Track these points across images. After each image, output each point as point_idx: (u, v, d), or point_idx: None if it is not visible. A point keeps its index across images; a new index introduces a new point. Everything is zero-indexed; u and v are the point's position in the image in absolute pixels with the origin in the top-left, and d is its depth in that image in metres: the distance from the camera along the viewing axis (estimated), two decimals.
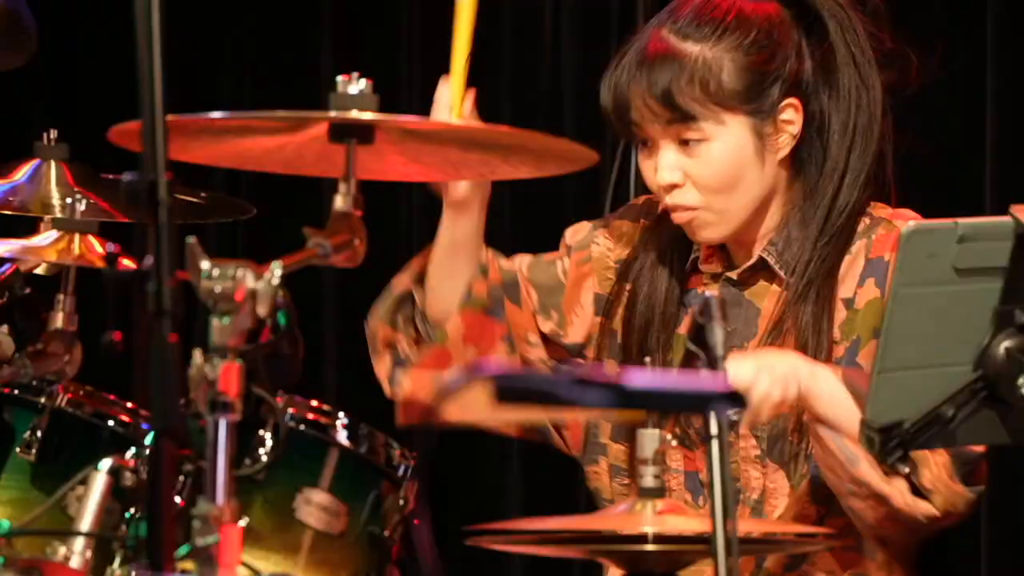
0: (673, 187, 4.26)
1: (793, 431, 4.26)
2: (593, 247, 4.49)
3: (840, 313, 4.26)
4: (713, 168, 4.24)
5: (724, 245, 4.42)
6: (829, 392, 4.01)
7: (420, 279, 4.33)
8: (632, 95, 4.25)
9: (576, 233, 4.53)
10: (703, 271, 4.39)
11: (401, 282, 4.29)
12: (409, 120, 3.66)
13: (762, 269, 4.33)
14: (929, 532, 4.25)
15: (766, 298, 4.34)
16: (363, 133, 3.53)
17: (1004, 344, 3.46)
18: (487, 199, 4.30)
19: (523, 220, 5.33)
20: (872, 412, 3.53)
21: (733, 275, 4.35)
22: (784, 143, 4.30)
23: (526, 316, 4.43)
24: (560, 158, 3.98)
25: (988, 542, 4.95)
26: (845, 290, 4.28)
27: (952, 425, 3.50)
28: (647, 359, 4.19)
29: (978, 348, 3.49)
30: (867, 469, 4.12)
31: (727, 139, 4.24)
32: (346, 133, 3.53)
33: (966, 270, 3.50)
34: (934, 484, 4.12)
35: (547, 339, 4.44)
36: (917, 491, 4.14)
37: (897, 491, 4.13)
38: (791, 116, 4.25)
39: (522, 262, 4.46)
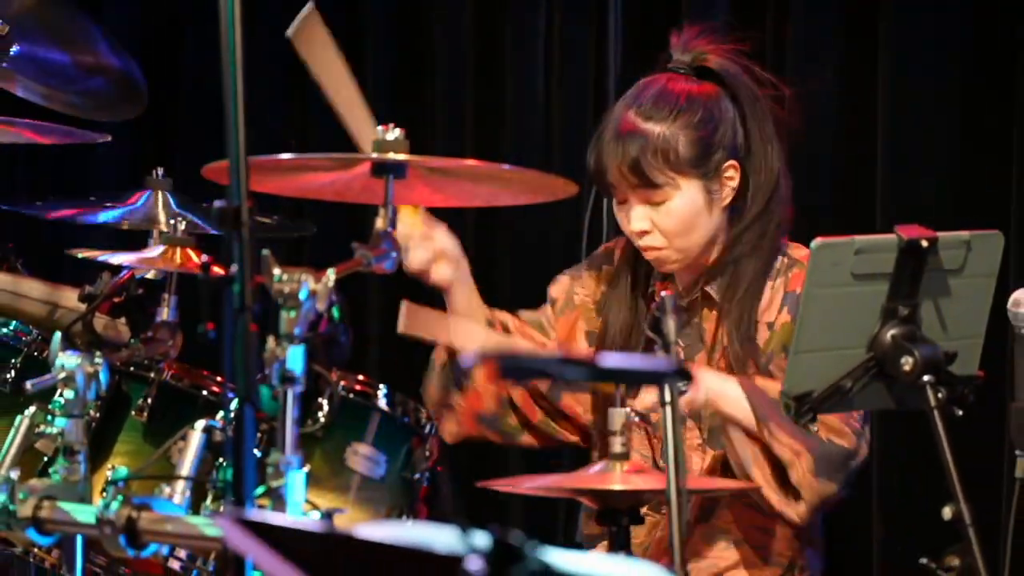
0: (643, 233, 4.28)
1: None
2: (575, 297, 4.50)
3: (764, 333, 4.27)
4: (673, 219, 4.25)
5: (674, 278, 4.42)
6: (734, 397, 4.09)
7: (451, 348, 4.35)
8: (608, 164, 4.27)
9: (558, 289, 4.54)
10: (659, 294, 4.36)
11: (439, 355, 4.30)
12: (433, 160, 3.68)
13: (705, 299, 4.34)
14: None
15: (708, 320, 4.35)
16: (398, 170, 3.55)
17: (890, 332, 3.48)
18: (467, 274, 4.26)
19: (521, 236, 5.31)
20: (788, 384, 3.57)
21: (683, 303, 4.33)
22: (726, 195, 4.31)
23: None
24: (548, 189, 4.01)
25: (879, 490, 4.93)
26: (768, 315, 4.29)
27: (850, 394, 3.52)
28: None
29: (870, 335, 3.51)
30: (756, 472, 4.19)
31: (683, 197, 4.24)
32: (384, 170, 3.55)
33: (861, 275, 3.52)
34: (800, 482, 4.16)
35: None
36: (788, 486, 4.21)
37: (773, 492, 4.19)
38: (731, 174, 4.27)
39: (519, 315, 4.48)
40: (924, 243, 3.51)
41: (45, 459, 3.44)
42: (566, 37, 5.42)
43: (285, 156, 3.58)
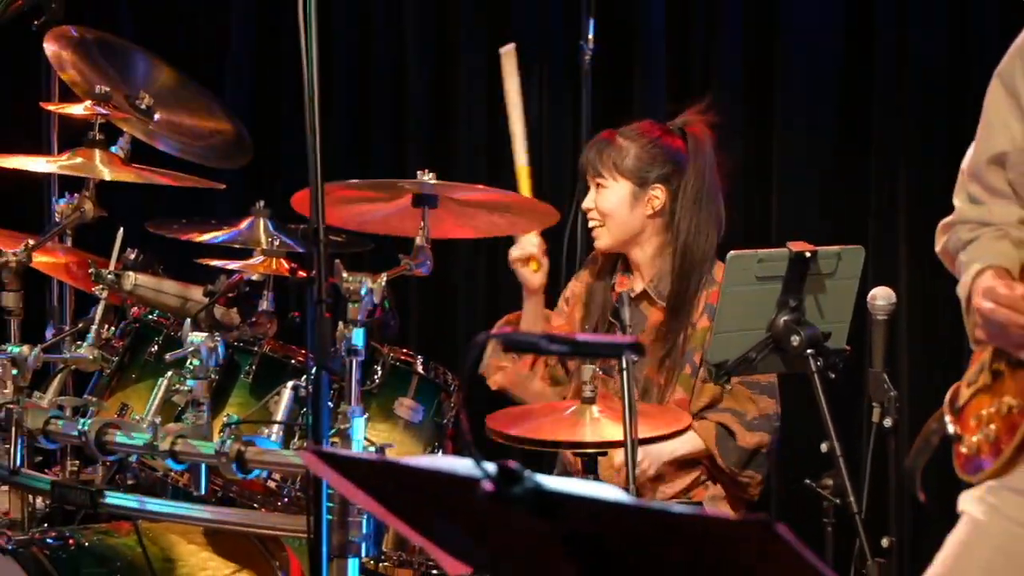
0: (589, 210, 4.31)
1: (655, 381, 4.27)
2: (571, 290, 4.46)
3: (690, 330, 4.23)
4: (605, 203, 4.25)
5: (629, 270, 4.38)
6: (672, 448, 4.11)
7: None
8: (586, 153, 4.32)
9: (568, 290, 4.49)
10: (617, 291, 4.33)
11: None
12: (458, 195, 3.67)
13: (646, 296, 4.29)
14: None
15: (651, 311, 4.30)
16: (431, 201, 3.54)
17: (783, 318, 3.47)
18: (542, 296, 4.35)
19: None
20: (711, 355, 3.59)
21: (633, 295, 4.27)
22: (650, 205, 4.25)
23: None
24: (542, 215, 4.00)
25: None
26: (693, 318, 4.23)
27: (754, 363, 3.52)
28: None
29: (769, 320, 3.50)
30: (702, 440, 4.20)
31: (615, 191, 4.22)
32: (421, 202, 3.54)
33: (762, 277, 3.52)
34: (740, 436, 4.19)
35: None
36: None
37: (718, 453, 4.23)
38: (657, 194, 4.21)
39: (551, 316, 4.47)
40: (807, 254, 3.51)
41: (179, 409, 3.42)
42: (552, 107, 5.40)
43: (353, 182, 3.61)
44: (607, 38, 5.09)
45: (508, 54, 4.35)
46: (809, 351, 3.50)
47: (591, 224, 4.34)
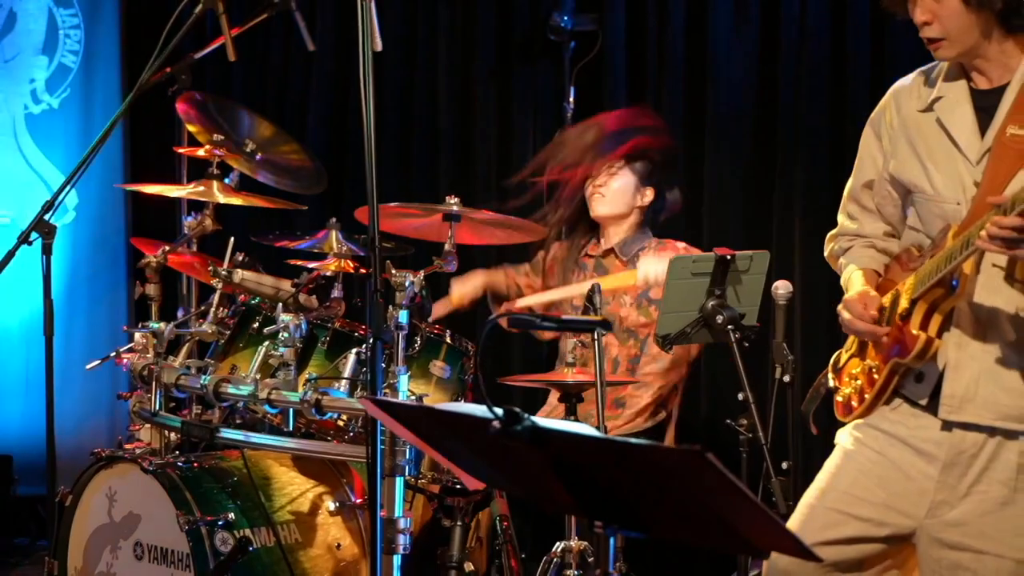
0: (599, 187, 4.26)
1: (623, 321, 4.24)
2: (552, 252, 4.39)
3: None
4: (614, 187, 4.26)
5: (599, 239, 4.35)
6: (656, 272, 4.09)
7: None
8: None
9: (549, 249, 4.40)
10: (590, 253, 4.34)
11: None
12: (475, 215, 3.67)
13: (611, 253, 4.26)
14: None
15: (613, 266, 4.27)
16: (456, 218, 3.54)
17: (711, 302, 3.45)
18: (482, 286, 4.39)
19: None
20: (658, 329, 3.55)
21: (599, 254, 4.29)
22: (644, 197, 4.27)
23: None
24: (532, 231, 3.98)
25: (704, 386, 4.92)
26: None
27: (689, 336, 3.50)
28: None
29: (701, 304, 3.49)
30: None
31: (624, 178, 4.24)
32: (449, 219, 3.54)
33: (696, 273, 3.50)
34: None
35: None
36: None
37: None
38: (648, 192, 4.24)
39: (520, 268, 4.41)
40: (728, 257, 3.49)
41: (274, 368, 3.43)
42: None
43: (392, 204, 3.60)
44: (583, 98, 5.10)
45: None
46: (730, 327, 3.49)
47: (595, 193, 4.29)
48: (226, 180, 3.85)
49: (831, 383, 2.99)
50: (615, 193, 4.28)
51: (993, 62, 2.68)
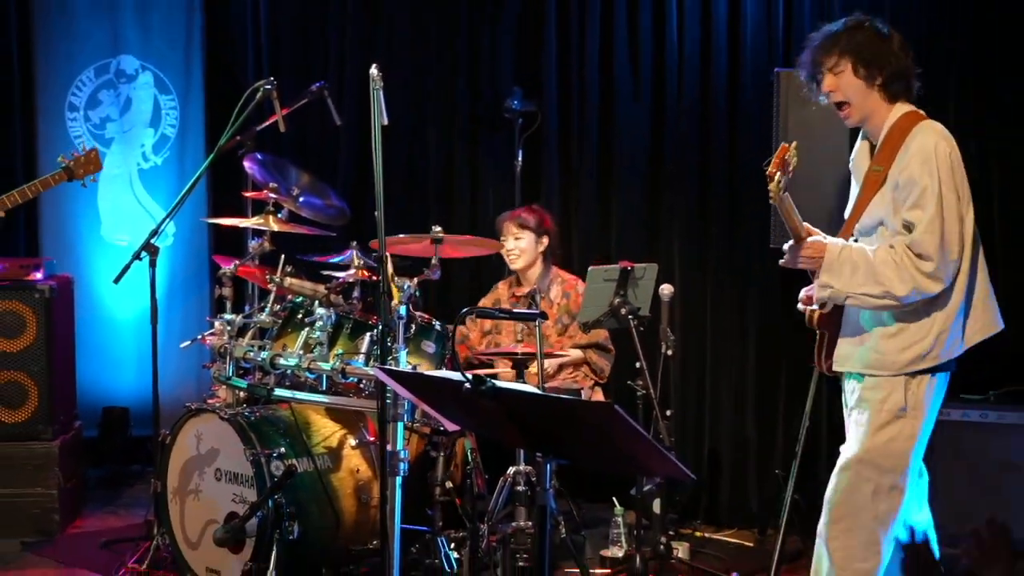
0: (512, 250, 4.12)
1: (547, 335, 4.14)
2: (492, 298, 4.23)
3: (556, 309, 4.12)
4: (521, 246, 4.11)
5: (520, 283, 4.18)
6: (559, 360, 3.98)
7: None
8: (510, 213, 4.19)
9: (489, 297, 4.23)
10: (516, 294, 4.21)
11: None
12: (453, 239, 3.63)
13: (534, 291, 4.01)
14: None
15: (542, 302, 4.05)
16: (440, 241, 3.50)
17: (617, 299, 3.46)
18: None
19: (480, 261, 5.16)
20: (580, 317, 3.55)
21: (524, 294, 4.13)
22: (542, 247, 4.13)
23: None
24: (493, 246, 3.91)
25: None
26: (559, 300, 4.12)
27: (602, 323, 3.51)
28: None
29: (611, 301, 3.49)
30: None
31: (527, 239, 4.09)
32: (435, 241, 3.51)
33: (607, 279, 3.50)
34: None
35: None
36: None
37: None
38: (544, 241, 4.10)
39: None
40: (629, 268, 3.50)
41: (313, 346, 3.39)
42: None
43: (401, 236, 3.54)
44: (528, 158, 5.05)
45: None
46: (630, 316, 3.50)
47: (512, 256, 4.12)
48: (279, 215, 3.81)
49: None
50: (523, 251, 4.19)
51: (881, 124, 2.70)
